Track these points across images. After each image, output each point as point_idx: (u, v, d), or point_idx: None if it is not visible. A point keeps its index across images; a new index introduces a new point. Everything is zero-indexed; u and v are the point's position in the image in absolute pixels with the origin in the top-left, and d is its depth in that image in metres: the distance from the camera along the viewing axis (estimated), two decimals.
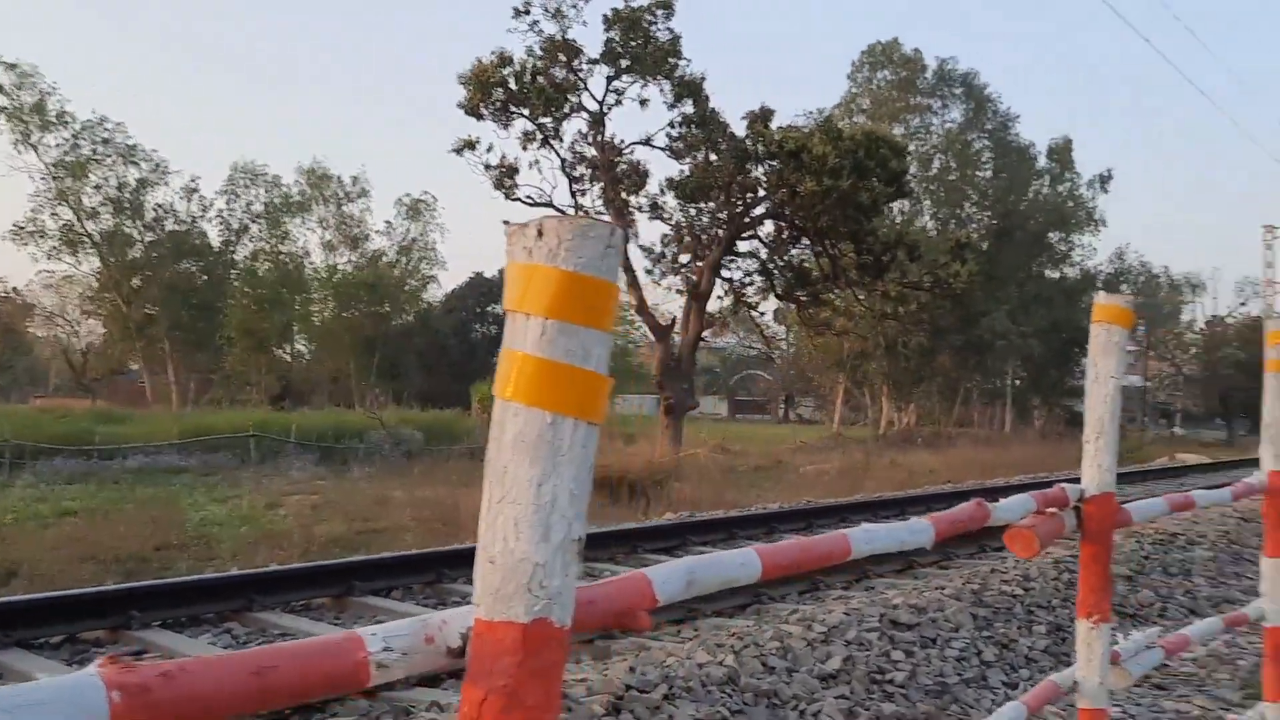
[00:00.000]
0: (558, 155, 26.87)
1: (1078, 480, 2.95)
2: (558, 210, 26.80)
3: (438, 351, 47.78)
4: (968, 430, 43.48)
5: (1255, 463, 4.52)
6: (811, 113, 33.67)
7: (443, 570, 7.88)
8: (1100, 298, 2.94)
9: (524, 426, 1.17)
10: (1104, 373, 2.91)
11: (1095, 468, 2.91)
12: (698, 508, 14.15)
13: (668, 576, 1.51)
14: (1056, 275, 51.09)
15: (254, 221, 47.41)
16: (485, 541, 1.19)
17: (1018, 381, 50.86)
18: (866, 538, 1.96)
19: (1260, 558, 4.35)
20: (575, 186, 27.27)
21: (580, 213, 26.74)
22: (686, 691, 4.29)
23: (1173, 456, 33.43)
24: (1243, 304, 60.66)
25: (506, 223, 1.25)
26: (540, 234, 1.19)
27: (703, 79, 27.19)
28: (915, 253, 30.04)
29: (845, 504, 13.18)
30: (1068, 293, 49.74)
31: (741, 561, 1.65)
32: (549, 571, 1.16)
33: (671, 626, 6.21)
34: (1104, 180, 51.13)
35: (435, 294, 52.62)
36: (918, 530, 2.13)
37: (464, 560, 8.25)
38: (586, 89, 26.64)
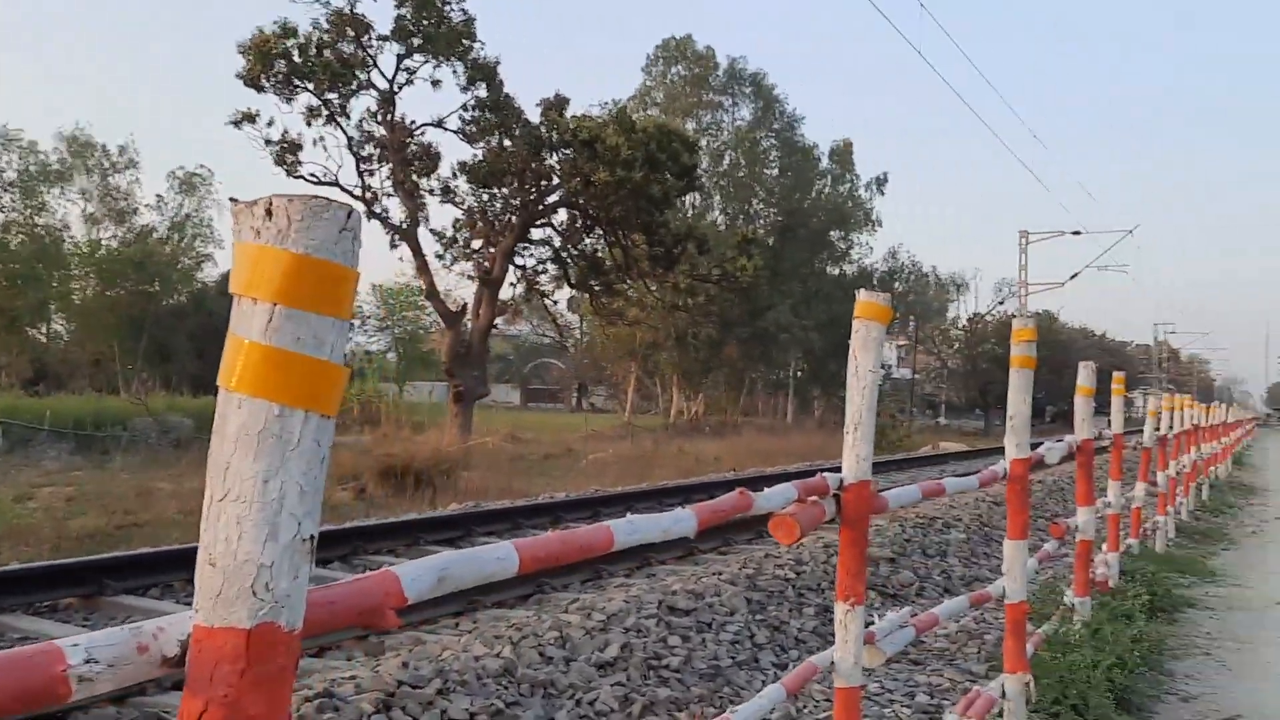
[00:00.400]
0: (344, 133, 25.99)
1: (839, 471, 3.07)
2: (345, 190, 25.92)
3: (212, 334, 45.14)
4: (753, 419, 45.06)
5: (1004, 451, 4.88)
6: (606, 103, 33.94)
7: None
8: (861, 295, 3.07)
9: (248, 419, 1.09)
10: (863, 367, 3.04)
11: (854, 457, 3.04)
12: (485, 497, 14.03)
13: (417, 574, 1.45)
14: (836, 272, 53.58)
15: (5, 190, 43.44)
16: (206, 542, 1.10)
17: (799, 373, 53.05)
18: (629, 528, 1.96)
19: (1005, 540, 4.68)
20: (363, 166, 26.45)
21: (369, 193, 26.00)
22: (461, 685, 4.23)
23: (936, 445, 35.77)
24: (1001, 303, 65.54)
25: (233, 200, 1.15)
26: (269, 213, 1.11)
27: (497, 63, 26.94)
28: (705, 246, 30.84)
29: (632, 492, 13.37)
30: (846, 289, 52.24)
31: (498, 556, 1.61)
32: (276, 573, 1.09)
33: (450, 620, 6.12)
34: (880, 183, 54.03)
35: (211, 273, 49.88)
36: (681, 520, 2.15)
37: None
38: (376, 66, 25.90)
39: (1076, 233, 40.95)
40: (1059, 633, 5.81)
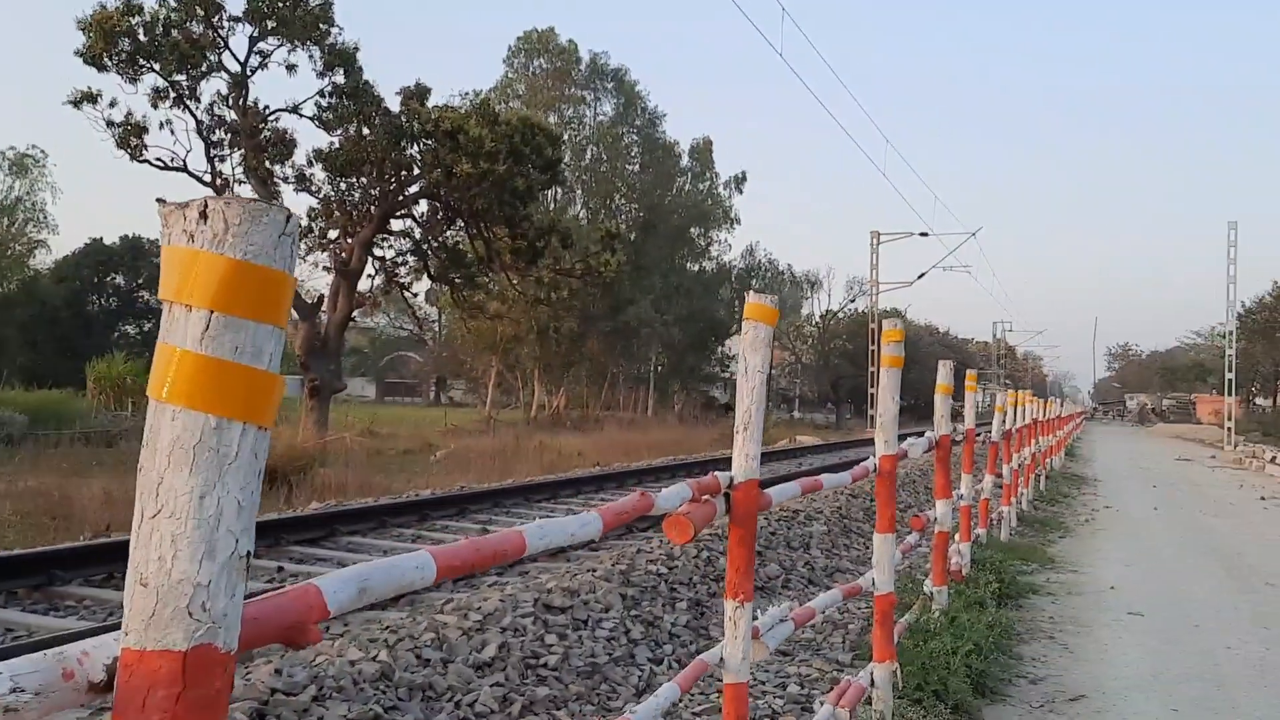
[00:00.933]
0: (194, 117, 24.86)
1: (713, 461, 3.13)
2: (194, 177, 24.82)
3: (46, 325, 42.69)
4: (614, 413, 45.29)
5: (859, 443, 5.07)
6: (467, 94, 33.53)
7: (54, 571, 7.06)
8: (750, 298, 3.13)
9: (183, 432, 1.04)
10: (753, 367, 3.10)
11: (743, 456, 3.09)
12: (345, 494, 13.69)
13: (339, 586, 1.42)
14: (696, 268, 54.34)
15: None
16: (137, 561, 1.05)
17: (660, 367, 53.60)
18: (540, 533, 1.96)
19: (874, 533, 4.84)
20: (213, 152, 25.34)
21: (219, 180, 24.98)
22: (338, 691, 4.12)
23: (793, 439, 36.69)
24: (852, 301, 67.75)
25: (161, 201, 1.10)
26: (204, 216, 1.06)
27: (356, 49, 26.22)
28: (568, 240, 30.78)
29: (499, 489, 13.26)
30: (706, 285, 53.18)
31: (416, 565, 1.59)
32: (213, 593, 1.05)
33: (320, 624, 5.95)
34: (739, 181, 55.01)
35: (44, 260, 47.11)
36: (586, 523, 2.16)
37: (81, 559, 7.45)
38: (227, 48, 24.85)
39: (924, 234, 42.61)
40: (919, 621, 6.05)
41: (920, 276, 46.30)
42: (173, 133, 25.13)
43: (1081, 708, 5.39)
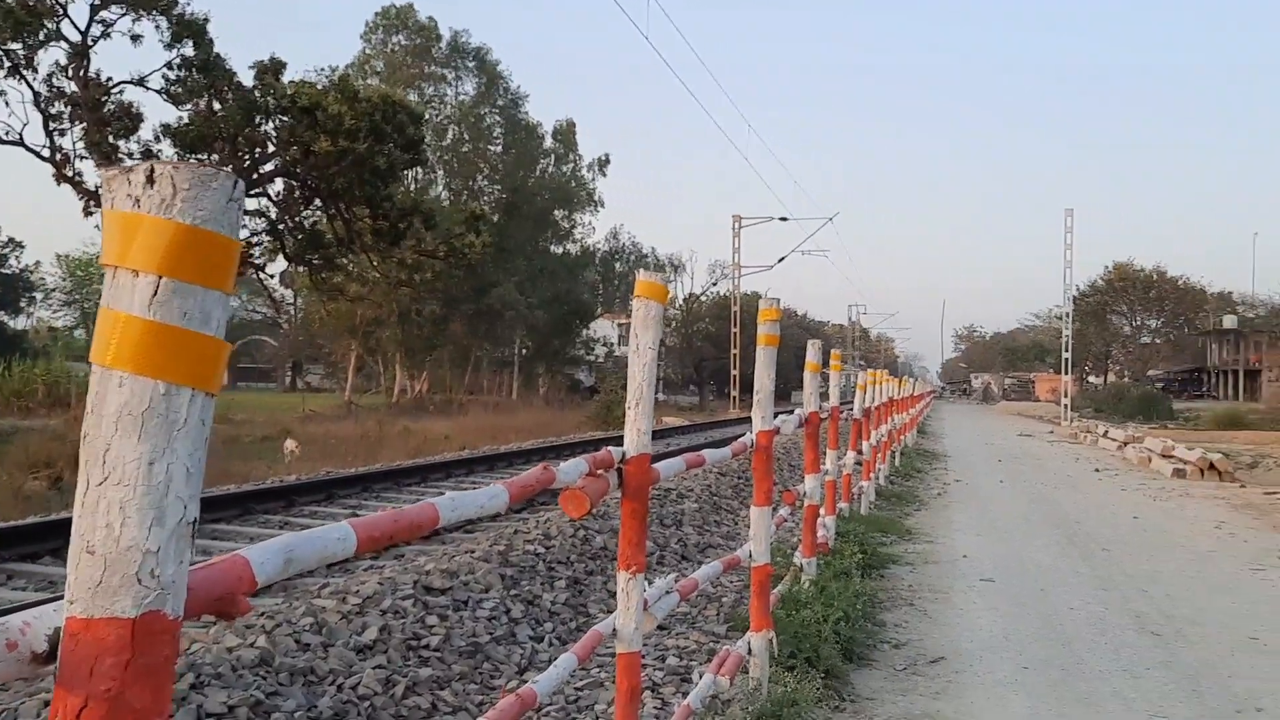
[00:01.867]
0: (30, 88, 23.44)
1: (582, 444, 3.19)
2: (31, 151, 23.42)
3: None
4: (478, 397, 44.87)
5: (724, 424, 5.20)
6: (324, 69, 32.58)
7: None
8: (641, 275, 3.19)
9: (131, 398, 1.04)
10: (644, 344, 3.16)
11: (635, 432, 3.16)
12: (204, 482, 13.21)
13: (267, 557, 1.42)
14: (560, 250, 54.25)
15: None
16: (82, 529, 1.04)
17: (525, 350, 53.38)
18: (452, 505, 1.98)
19: (751, 507, 4.98)
20: (52, 125, 23.97)
21: (59, 155, 23.66)
22: (216, 678, 4.02)
23: (660, 420, 37.11)
24: (714, 284, 68.81)
25: (103, 165, 1.08)
26: (151, 181, 1.06)
27: (206, 20, 25.18)
28: (431, 221, 30.32)
29: (366, 474, 13.03)
30: (570, 267, 53.14)
31: (339, 536, 1.60)
32: (162, 559, 1.05)
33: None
34: (603, 164, 55.18)
35: None
36: (494, 495, 2.19)
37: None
38: (66, 15, 23.50)
39: (784, 219, 43.61)
40: (791, 592, 6.26)
41: (780, 260, 47.29)
42: (7, 104, 23.66)
43: (941, 669, 5.68)
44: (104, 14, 23.95)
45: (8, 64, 22.76)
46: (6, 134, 23.18)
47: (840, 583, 6.73)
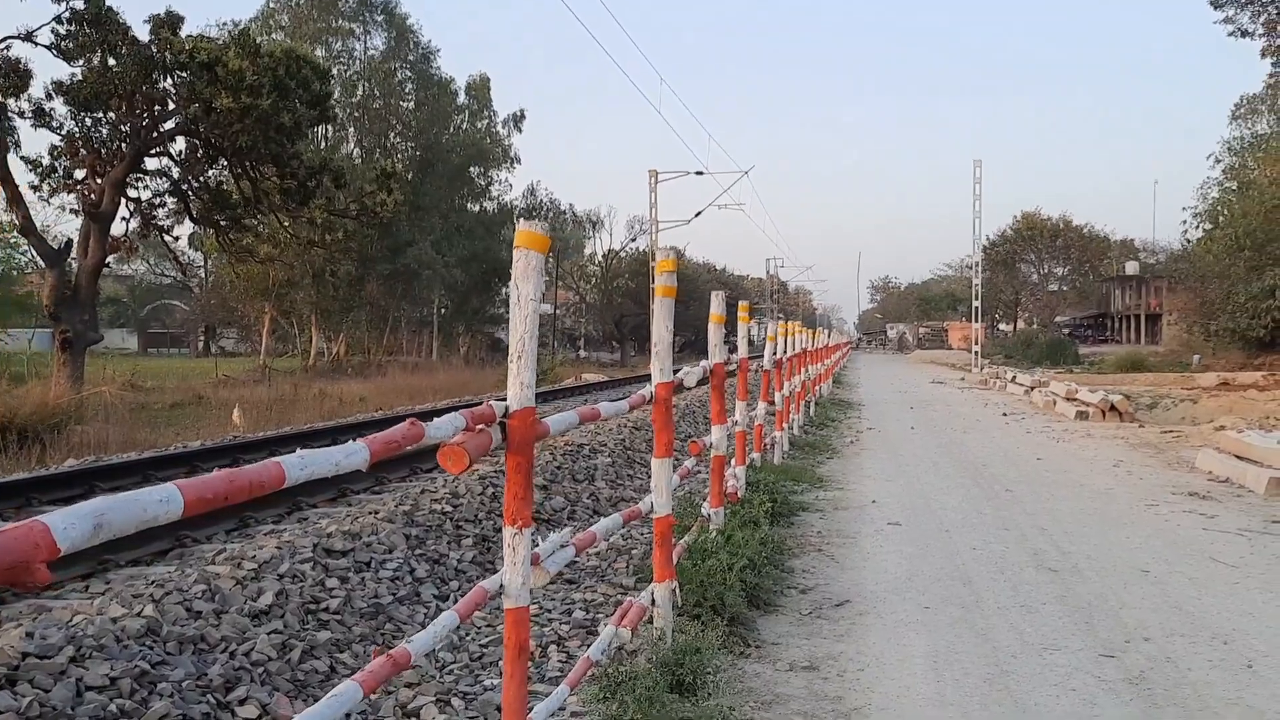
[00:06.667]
0: None
1: (503, 398, 3.12)
2: None
3: None
4: (397, 358, 44.26)
5: (643, 378, 5.18)
6: (225, 24, 31.44)
7: None
8: (520, 225, 3.11)
9: None
10: (525, 295, 3.09)
11: (518, 385, 3.09)
12: (106, 451, 12.85)
13: (70, 521, 1.33)
14: (477, 208, 53.54)
15: None
16: None
17: (443, 310, 52.75)
18: (301, 464, 1.90)
19: (652, 459, 4.97)
20: None
21: None
22: (99, 650, 3.89)
23: (579, 377, 37.09)
24: (633, 240, 68.69)
25: None
26: None
27: None
28: (341, 180, 29.64)
29: (275, 437, 12.77)
30: (487, 225, 52.49)
31: (160, 498, 1.51)
32: None
33: (79, 581, 5.59)
34: (518, 120, 54.38)
35: None
36: (353, 453, 2.11)
37: None
38: None
39: (700, 173, 43.53)
40: (698, 542, 6.29)
41: (697, 215, 47.41)
42: None
43: (845, 611, 5.78)
44: None
45: None
46: None
47: (747, 531, 6.78)
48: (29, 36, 23.72)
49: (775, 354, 11.43)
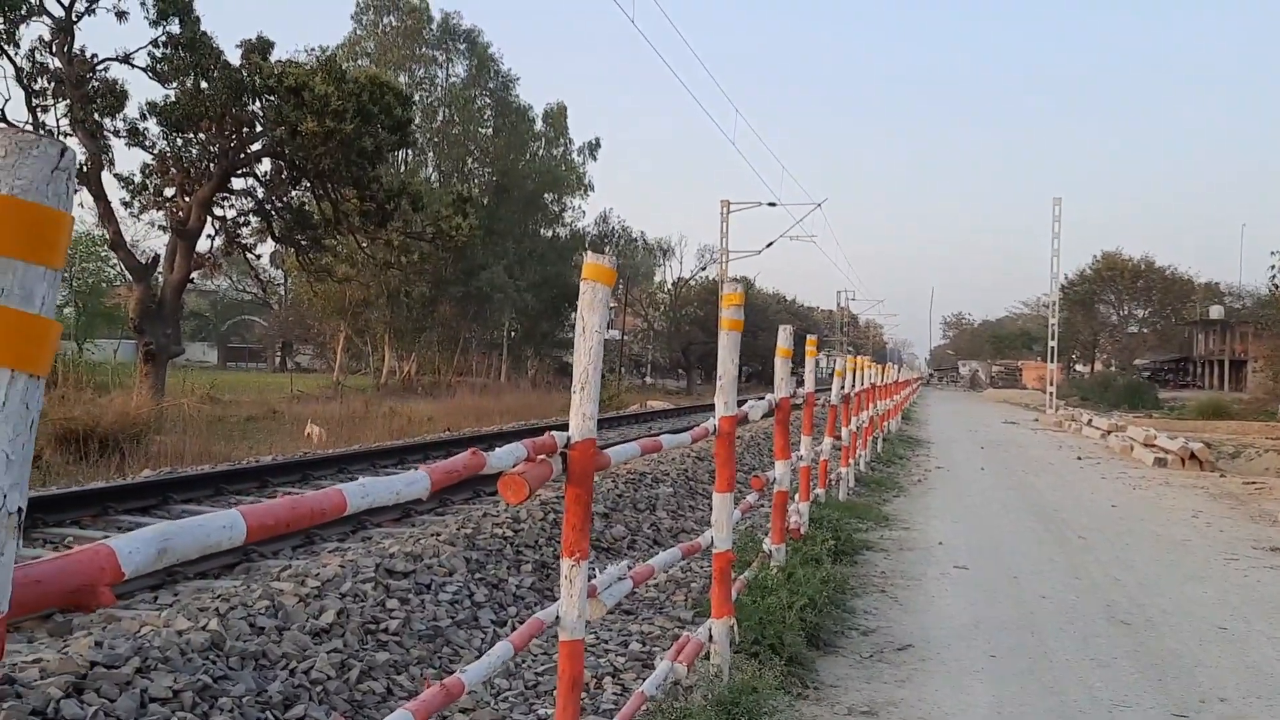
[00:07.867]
0: (12, 63, 23.18)
1: (566, 425, 3.13)
2: (13, 126, 23.15)
3: None
4: (466, 379, 44.73)
5: (708, 408, 5.16)
6: (313, 50, 32.29)
7: None
8: (588, 258, 3.12)
9: None
10: (590, 327, 3.10)
11: (580, 416, 3.10)
12: (182, 463, 13.16)
13: (135, 547, 1.36)
14: (550, 234, 54.06)
15: None
16: None
17: (513, 333, 53.25)
18: (362, 491, 1.91)
19: (714, 493, 4.94)
20: (35, 101, 23.71)
21: (43, 131, 23.41)
22: (163, 662, 3.96)
23: (644, 404, 37.10)
24: (703, 268, 68.61)
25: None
26: None
27: None
28: (419, 203, 30.16)
29: (343, 454, 12.96)
30: (559, 251, 52.98)
31: (224, 524, 1.53)
32: None
33: (148, 594, 5.71)
34: (593, 147, 54.90)
35: None
36: (413, 481, 2.12)
37: None
38: None
39: (772, 204, 43.46)
40: (758, 578, 6.22)
41: (768, 245, 47.17)
42: None
43: (908, 656, 5.66)
44: None
45: None
46: None
47: (809, 569, 6.69)
48: (127, 59, 24.60)
49: (843, 389, 11.31)
